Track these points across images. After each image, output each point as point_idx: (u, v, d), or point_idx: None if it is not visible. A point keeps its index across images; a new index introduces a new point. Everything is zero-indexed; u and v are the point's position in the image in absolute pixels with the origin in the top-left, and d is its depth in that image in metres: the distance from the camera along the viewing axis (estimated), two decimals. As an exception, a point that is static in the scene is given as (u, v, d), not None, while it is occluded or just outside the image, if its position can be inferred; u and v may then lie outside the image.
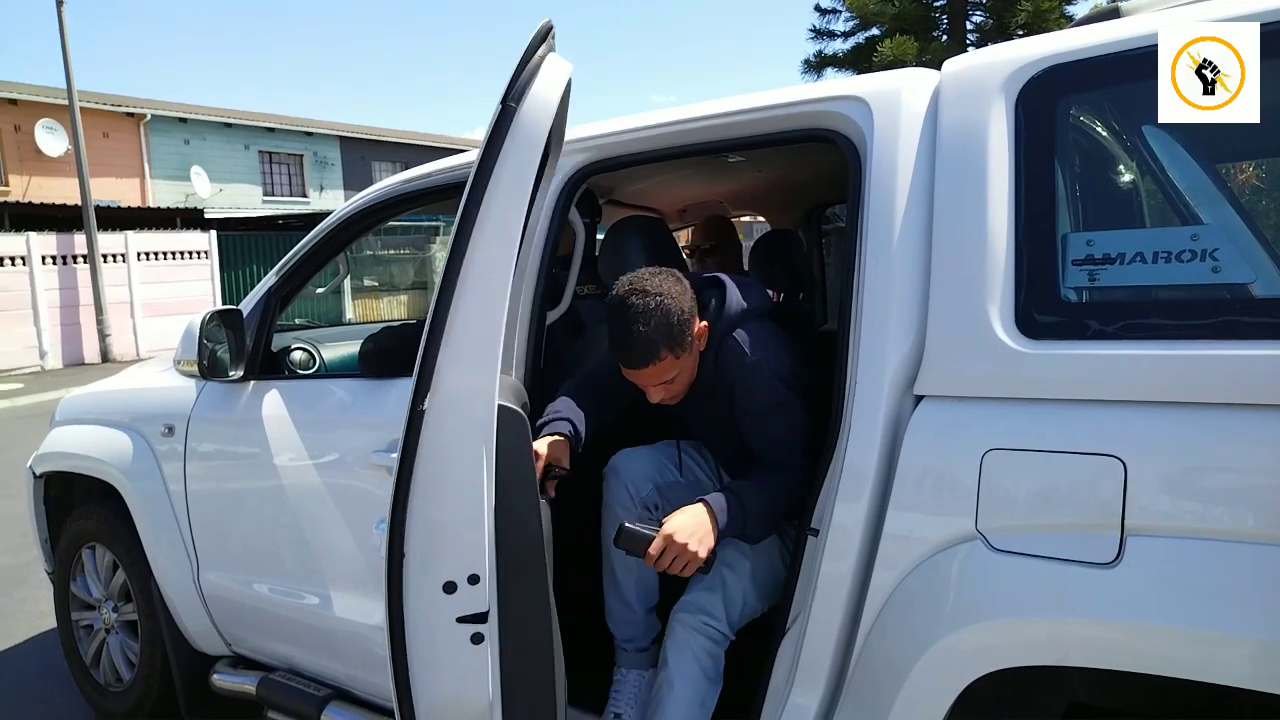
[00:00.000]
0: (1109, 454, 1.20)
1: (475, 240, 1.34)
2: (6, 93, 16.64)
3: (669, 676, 1.64)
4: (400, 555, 1.37)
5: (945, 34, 12.53)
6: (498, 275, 1.36)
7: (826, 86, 1.65)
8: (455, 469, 1.36)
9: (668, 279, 1.63)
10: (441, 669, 1.40)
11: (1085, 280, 1.30)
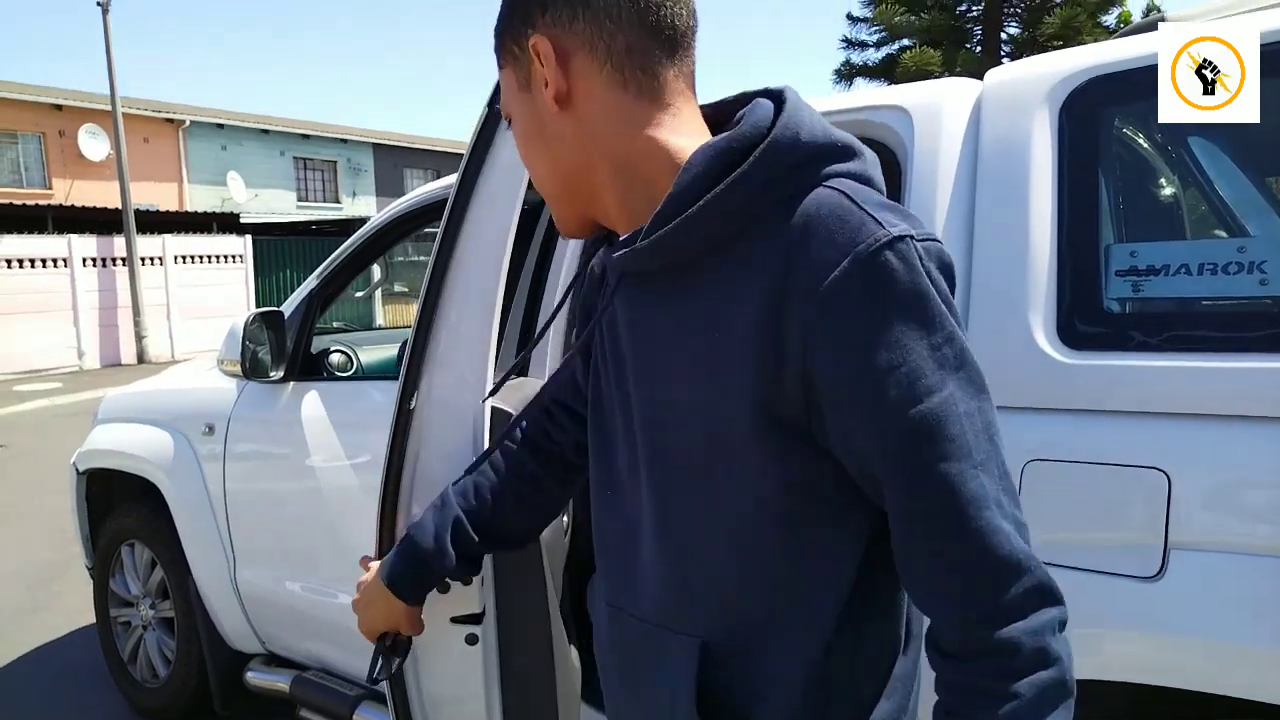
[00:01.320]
0: (1153, 466, 1.19)
1: (464, 235, 1.29)
2: (51, 98, 17.08)
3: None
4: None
5: (979, 44, 12.46)
6: (488, 274, 1.30)
7: (867, 95, 1.65)
8: (444, 469, 1.30)
9: None
10: (436, 670, 1.39)
11: (1129, 291, 1.29)
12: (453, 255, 1.30)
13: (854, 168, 0.72)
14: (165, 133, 19.10)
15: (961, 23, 12.58)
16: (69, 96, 17.37)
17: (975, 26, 12.67)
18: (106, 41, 13.01)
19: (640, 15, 0.73)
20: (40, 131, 17.18)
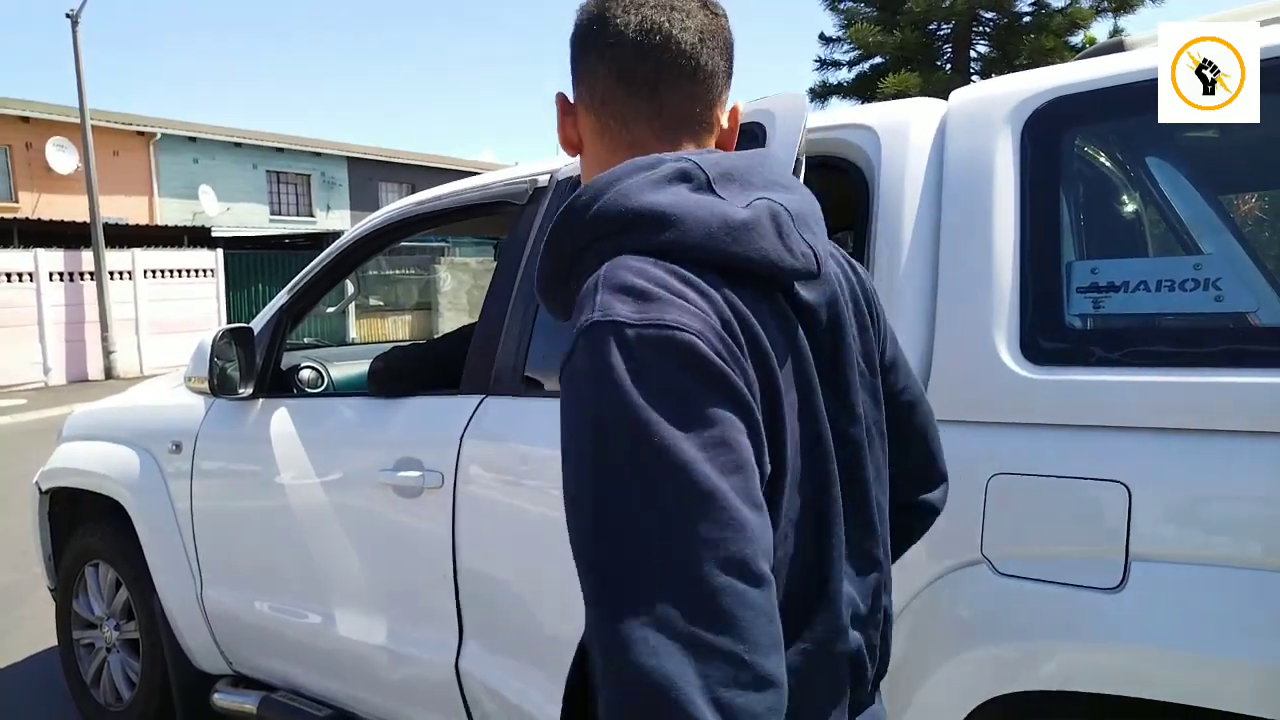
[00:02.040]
0: (1114, 479, 1.21)
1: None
2: (19, 110, 16.83)
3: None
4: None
5: (949, 64, 12.67)
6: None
7: (835, 115, 1.68)
8: None
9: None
10: None
11: (1090, 307, 1.32)
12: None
13: (649, 240, 0.70)
14: (136, 145, 18.88)
15: (933, 42, 12.80)
16: (36, 108, 17.13)
17: (946, 46, 12.90)
18: (76, 53, 12.87)
19: (619, 69, 0.81)
20: (6, 144, 16.92)
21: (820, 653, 0.74)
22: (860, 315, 0.86)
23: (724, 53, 0.83)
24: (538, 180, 2.01)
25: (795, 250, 0.73)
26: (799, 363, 0.74)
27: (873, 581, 0.83)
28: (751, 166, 0.77)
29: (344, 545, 2.13)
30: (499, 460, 1.87)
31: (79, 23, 12.84)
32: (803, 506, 0.73)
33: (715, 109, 0.84)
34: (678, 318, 0.64)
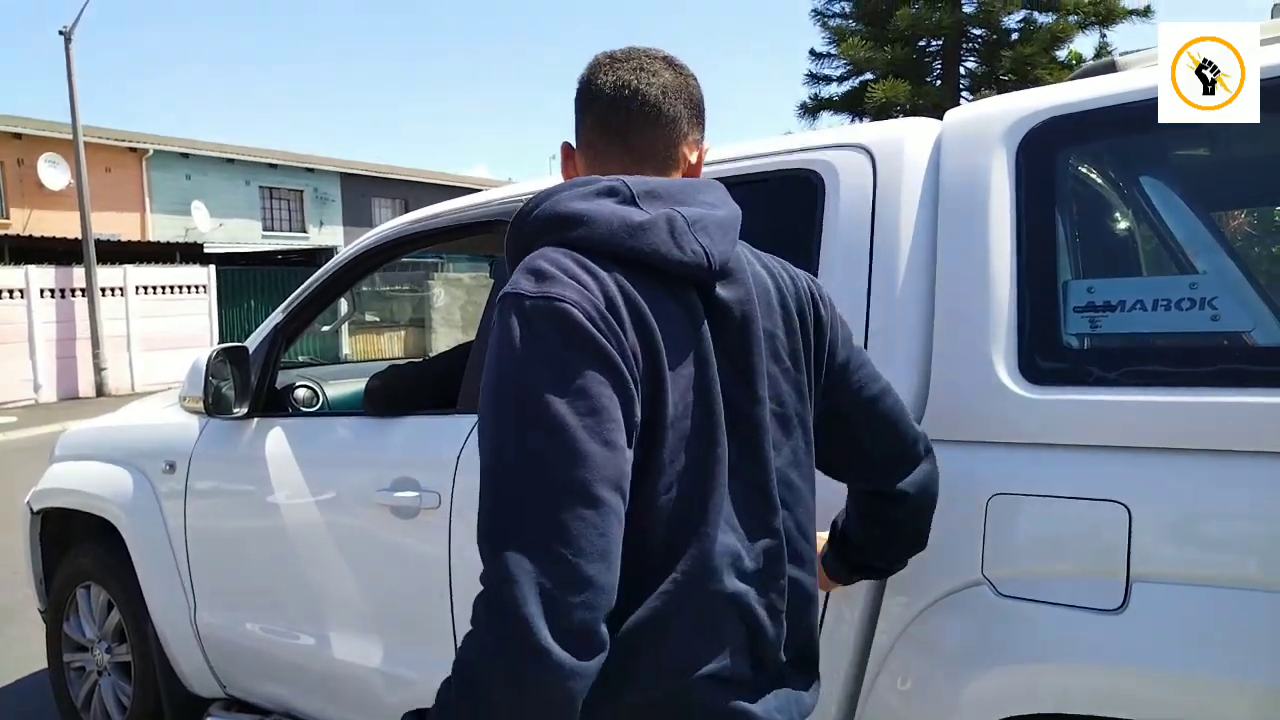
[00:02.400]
0: (1113, 499, 1.21)
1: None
2: (10, 127, 16.81)
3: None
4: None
5: (939, 79, 12.77)
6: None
7: (830, 134, 1.68)
8: None
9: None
10: None
11: (1087, 327, 1.32)
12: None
13: (565, 236, 0.89)
14: (128, 162, 18.85)
15: (922, 57, 12.90)
16: (28, 125, 17.10)
17: (935, 61, 13.01)
18: (69, 70, 12.87)
19: (598, 120, 1.02)
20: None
21: (690, 584, 0.87)
22: (790, 319, 1.02)
23: (688, 103, 1.02)
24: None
25: (685, 248, 0.89)
26: (698, 344, 0.91)
27: (767, 546, 0.94)
28: (679, 189, 0.95)
29: (340, 567, 2.11)
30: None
31: (72, 40, 12.85)
32: (689, 461, 0.88)
33: (680, 148, 1.02)
34: (562, 292, 0.82)
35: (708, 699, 0.89)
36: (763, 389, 0.95)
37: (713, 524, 0.88)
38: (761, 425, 0.95)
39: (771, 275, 1.04)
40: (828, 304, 1.10)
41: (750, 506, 0.93)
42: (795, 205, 1.62)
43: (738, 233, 0.98)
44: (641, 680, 0.86)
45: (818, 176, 1.59)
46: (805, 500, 1.02)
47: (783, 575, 0.96)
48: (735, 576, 0.90)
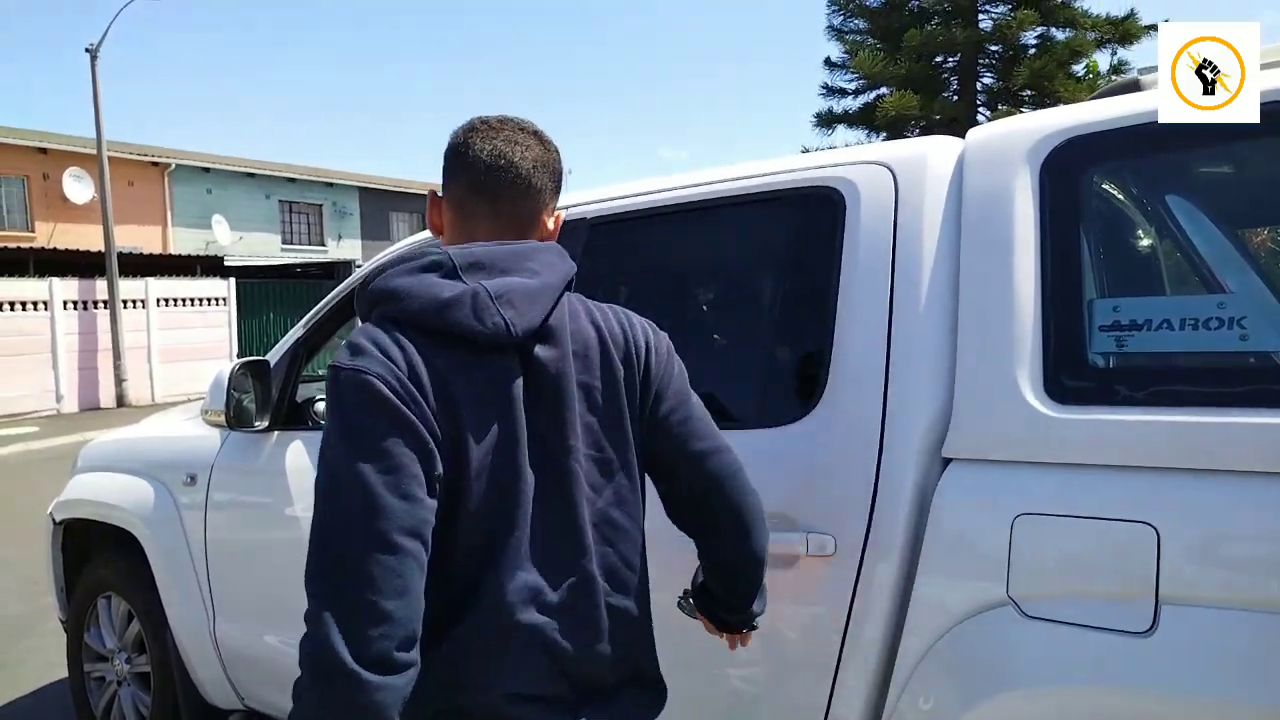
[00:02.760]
0: (1141, 521, 1.19)
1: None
2: (37, 142, 17.08)
3: None
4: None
5: (956, 94, 12.76)
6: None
7: (851, 152, 1.68)
8: None
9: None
10: None
11: (1113, 346, 1.31)
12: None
13: (387, 310, 1.02)
14: (150, 176, 19.11)
15: (938, 72, 12.90)
16: (54, 140, 17.38)
17: (951, 76, 12.99)
18: (94, 87, 13.08)
19: (472, 182, 1.10)
20: (24, 174, 17.14)
21: (487, 616, 0.99)
22: (610, 370, 1.10)
23: (551, 176, 1.13)
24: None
25: (486, 322, 0.98)
26: (507, 403, 1.00)
27: (573, 583, 1.04)
28: (505, 257, 1.04)
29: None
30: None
31: (98, 57, 13.06)
32: (491, 509, 0.99)
33: (541, 215, 1.14)
34: (368, 365, 0.94)
35: (519, 714, 1.01)
36: (574, 439, 1.05)
37: (509, 564, 0.99)
38: (572, 472, 1.05)
39: (598, 329, 1.12)
40: (663, 356, 1.17)
41: (558, 546, 1.03)
42: (816, 222, 1.62)
43: (554, 298, 1.05)
44: (449, 695, 1.00)
45: (838, 194, 1.59)
46: (630, 535, 1.11)
47: (596, 607, 1.06)
48: (535, 610, 1.01)
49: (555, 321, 1.06)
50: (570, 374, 1.06)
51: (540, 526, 1.02)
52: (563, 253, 1.11)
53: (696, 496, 1.18)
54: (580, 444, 1.06)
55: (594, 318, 1.13)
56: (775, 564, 1.47)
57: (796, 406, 1.53)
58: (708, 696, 1.59)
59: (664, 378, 1.16)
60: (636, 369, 1.13)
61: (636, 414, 1.13)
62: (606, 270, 2.01)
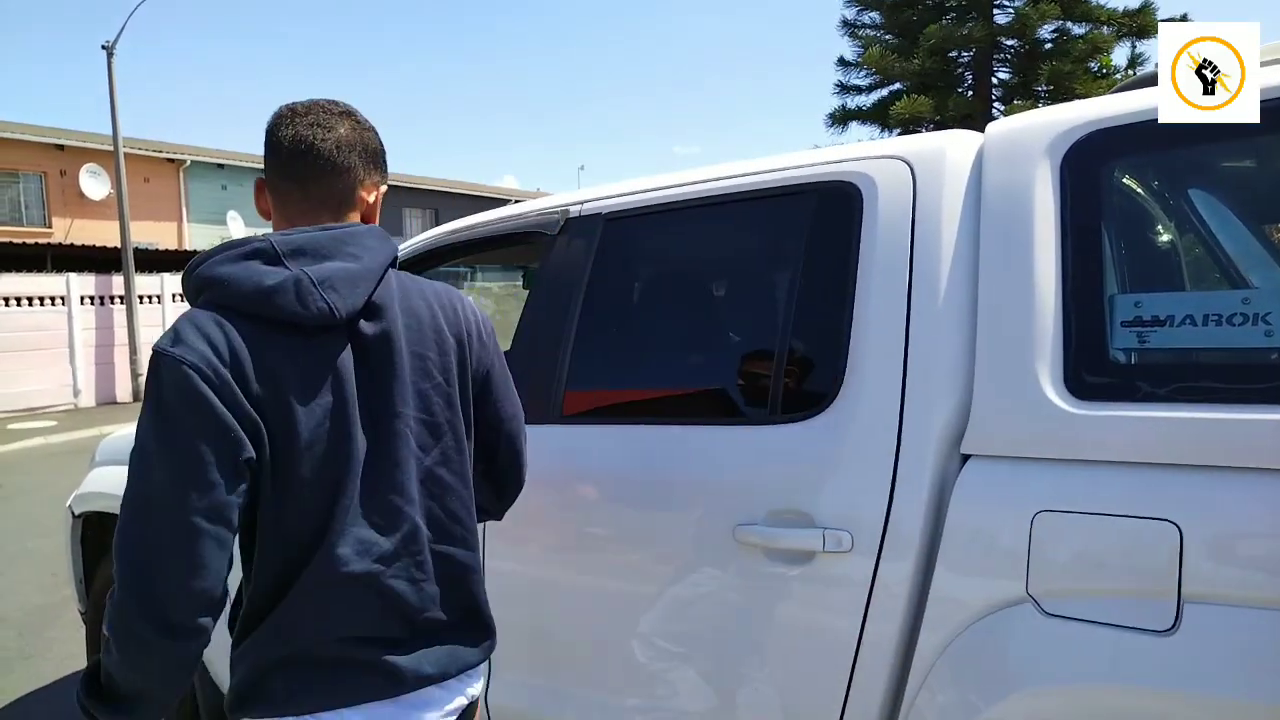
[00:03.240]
0: (1163, 518, 1.18)
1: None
2: (53, 138, 17.21)
3: None
4: None
5: (970, 90, 12.67)
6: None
7: (868, 146, 1.67)
8: None
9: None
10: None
11: (1134, 342, 1.30)
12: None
13: (212, 296, 1.08)
14: (166, 172, 19.22)
15: (952, 68, 12.81)
16: (71, 136, 17.50)
17: (966, 72, 12.90)
18: (110, 84, 13.16)
19: (279, 168, 1.18)
20: (41, 171, 17.28)
21: (321, 569, 1.08)
22: (444, 342, 1.20)
23: (363, 154, 1.19)
24: (569, 211, 2.03)
25: (310, 306, 1.05)
26: (337, 378, 1.08)
27: (405, 532, 1.14)
28: (327, 242, 1.10)
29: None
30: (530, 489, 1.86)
31: (114, 54, 13.14)
32: (323, 475, 1.07)
33: (358, 191, 1.20)
34: (186, 353, 1.00)
35: (355, 653, 1.11)
36: (402, 405, 1.14)
37: (341, 523, 1.08)
38: (400, 434, 1.14)
39: (430, 306, 1.22)
40: (488, 334, 1.31)
41: (388, 502, 1.12)
42: (833, 217, 1.61)
43: (375, 279, 1.13)
44: (288, 644, 1.10)
45: (855, 188, 1.58)
46: (455, 491, 1.21)
47: (421, 553, 1.16)
48: (369, 560, 1.10)
49: (382, 299, 1.14)
50: (399, 346, 1.15)
51: (370, 484, 1.11)
52: (384, 235, 1.18)
53: (496, 443, 1.36)
54: (409, 409, 1.15)
55: (425, 295, 1.22)
56: (791, 560, 1.48)
57: (813, 402, 1.53)
58: (723, 692, 1.59)
59: (491, 354, 1.29)
60: (467, 343, 1.24)
61: (467, 383, 1.24)
62: (622, 266, 2.01)
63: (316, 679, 1.11)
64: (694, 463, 1.67)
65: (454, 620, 1.21)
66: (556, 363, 1.88)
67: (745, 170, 1.80)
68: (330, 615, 1.10)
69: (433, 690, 1.18)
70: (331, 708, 1.11)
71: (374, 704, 1.12)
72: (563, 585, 1.81)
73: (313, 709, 1.10)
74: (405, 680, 1.14)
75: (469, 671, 1.24)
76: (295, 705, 1.10)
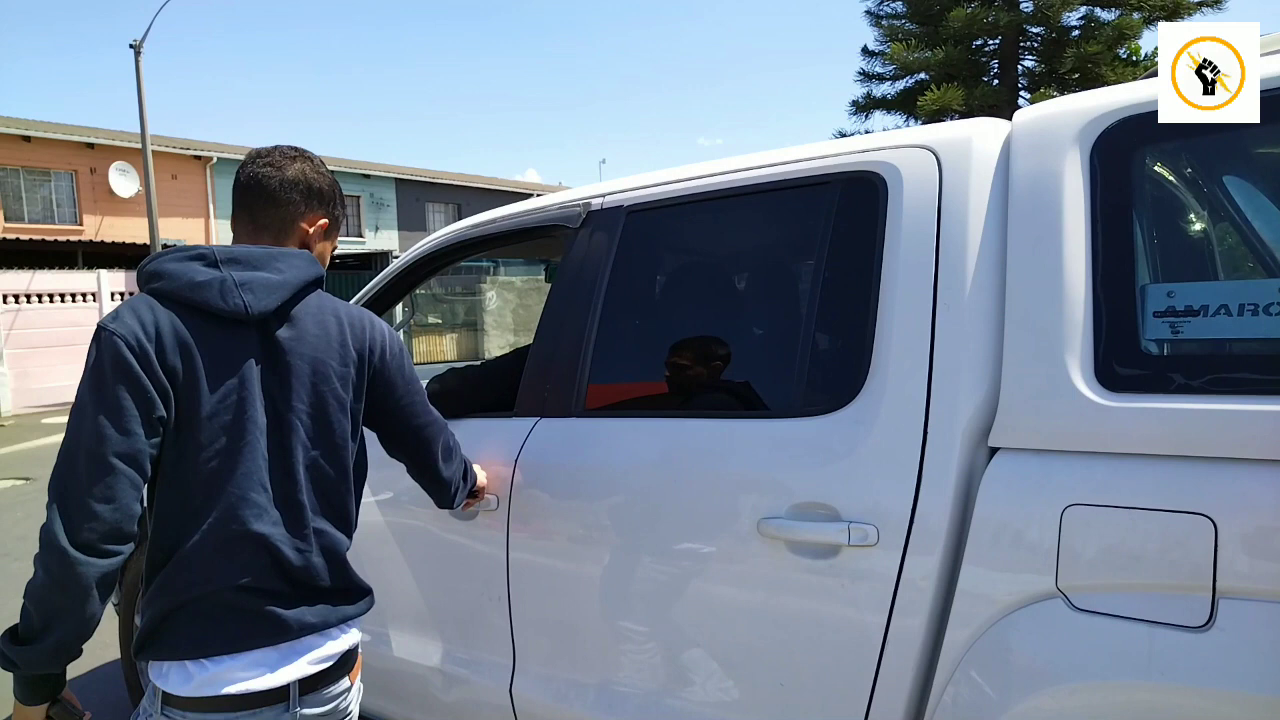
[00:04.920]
0: (1197, 512, 1.16)
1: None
2: (83, 137, 17.48)
3: None
4: None
5: (996, 79, 12.51)
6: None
7: (894, 136, 1.65)
8: None
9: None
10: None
11: (1167, 332, 1.28)
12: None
13: (153, 286, 1.30)
14: (193, 169, 19.46)
15: (978, 57, 12.65)
16: (100, 135, 17.77)
17: (992, 61, 12.74)
18: (138, 82, 13.34)
19: (237, 199, 1.42)
20: (72, 169, 17.57)
21: (220, 525, 1.26)
22: (346, 355, 1.38)
23: (304, 192, 1.42)
24: (591, 204, 2.02)
25: (229, 302, 1.27)
26: (243, 366, 1.28)
27: (291, 505, 1.32)
28: (258, 257, 1.32)
29: (399, 566, 2.14)
30: (553, 483, 1.86)
31: (141, 53, 13.31)
32: (225, 445, 1.26)
33: (299, 223, 1.42)
34: (119, 327, 1.22)
35: (244, 603, 1.28)
36: (297, 401, 1.32)
37: (240, 486, 1.27)
38: (292, 425, 1.32)
39: (340, 323, 1.39)
40: (396, 353, 1.48)
41: (279, 478, 1.30)
42: (857, 208, 1.59)
43: (292, 291, 1.33)
44: (188, 589, 1.26)
45: (879, 178, 1.56)
46: (334, 481, 1.38)
47: (306, 527, 1.33)
48: (262, 522, 1.28)
49: (297, 311, 1.35)
50: (303, 352, 1.34)
51: (267, 463, 1.30)
52: (312, 260, 1.39)
53: (411, 448, 1.59)
54: (304, 405, 1.33)
55: (339, 314, 1.40)
56: (816, 553, 1.47)
57: (838, 395, 1.51)
58: (747, 688, 1.58)
59: (398, 369, 1.48)
60: (369, 359, 1.42)
61: (362, 392, 1.42)
62: (644, 259, 2.00)
63: (209, 626, 1.27)
64: (717, 456, 1.66)
65: (335, 587, 1.38)
66: (579, 356, 1.88)
67: (767, 161, 1.78)
68: (223, 568, 1.27)
69: (313, 638, 1.34)
70: (223, 653, 1.27)
71: (261, 650, 1.29)
72: (585, 578, 1.81)
73: (205, 654, 1.27)
74: (289, 628, 1.31)
75: (350, 622, 1.42)
76: (189, 650, 1.27)
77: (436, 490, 1.68)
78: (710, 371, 1.92)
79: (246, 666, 1.28)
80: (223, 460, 1.26)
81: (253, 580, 1.29)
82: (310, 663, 1.33)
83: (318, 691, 1.35)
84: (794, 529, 1.48)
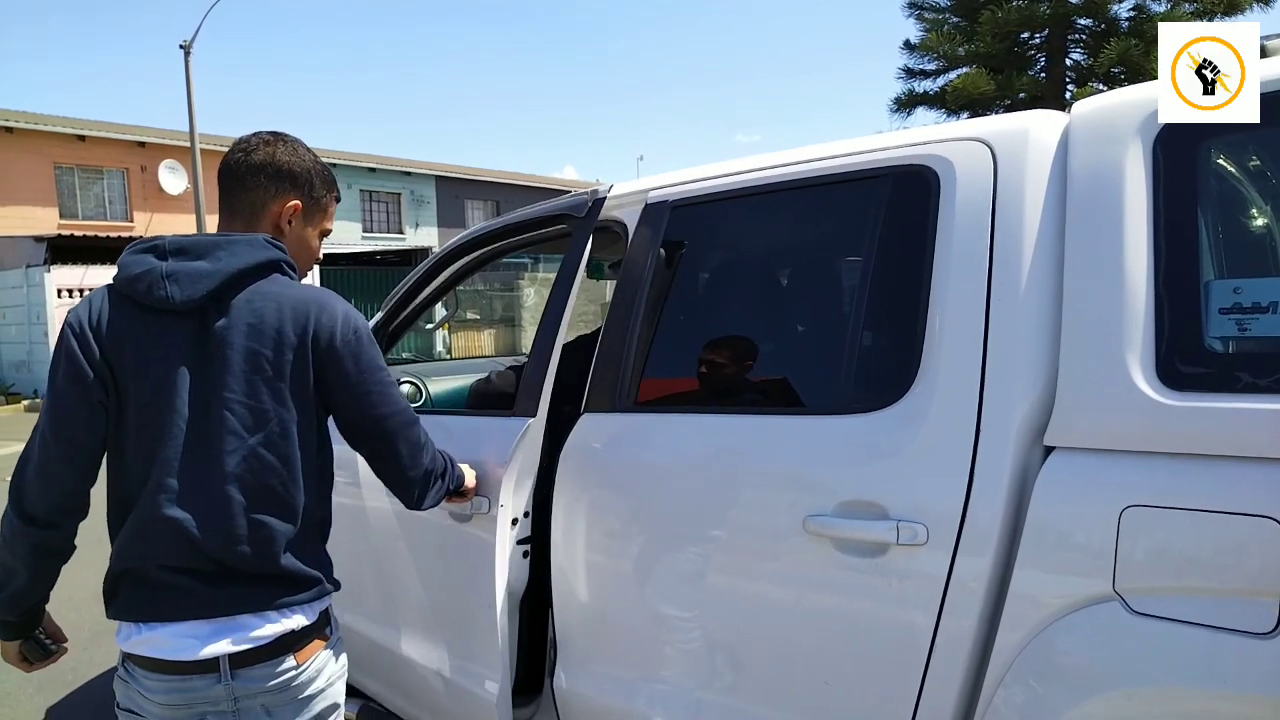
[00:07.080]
0: (1263, 515, 1.12)
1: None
2: (135, 136, 17.93)
3: None
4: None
5: (1043, 73, 12.26)
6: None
7: (947, 129, 1.62)
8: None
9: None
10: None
11: (1233, 330, 1.24)
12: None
13: (114, 276, 1.38)
14: (239, 167, 19.83)
15: (1024, 50, 12.41)
16: (150, 134, 18.20)
17: (1038, 54, 12.49)
18: (188, 82, 13.65)
19: (219, 186, 1.48)
20: (124, 167, 18.03)
21: (142, 509, 1.33)
22: (281, 344, 1.35)
23: (273, 176, 1.45)
24: (599, 193, 2.03)
25: (155, 293, 1.32)
26: (174, 354, 1.33)
27: (211, 493, 1.33)
28: (204, 245, 1.36)
29: (408, 565, 2.15)
30: (596, 477, 1.87)
31: (191, 53, 13.61)
32: (153, 431, 1.32)
33: (270, 206, 1.46)
34: (71, 316, 1.36)
35: (167, 579, 1.34)
36: (228, 391, 1.33)
37: (159, 471, 1.32)
38: (221, 414, 1.33)
39: (279, 311, 1.36)
40: (340, 343, 1.40)
41: (200, 466, 1.32)
42: (909, 203, 1.57)
43: (223, 279, 1.33)
44: (124, 561, 1.36)
45: (932, 172, 1.54)
46: (276, 470, 1.36)
47: (232, 518, 1.33)
48: (175, 508, 1.31)
49: (238, 300, 1.35)
50: (236, 341, 1.34)
51: (189, 450, 1.32)
52: (263, 245, 1.38)
53: (367, 439, 1.50)
54: (236, 395, 1.33)
55: (280, 301, 1.37)
56: (864, 551, 1.45)
57: (888, 392, 1.49)
58: (792, 685, 1.57)
59: (351, 355, 1.41)
60: (312, 345, 1.38)
61: (305, 382, 1.38)
62: (690, 254, 1.99)
63: (145, 595, 1.35)
64: (764, 452, 1.64)
65: (271, 574, 1.37)
66: (627, 350, 1.87)
67: (816, 155, 1.76)
68: (149, 547, 1.34)
69: (249, 618, 1.35)
70: (155, 620, 1.34)
71: (192, 623, 1.33)
72: (631, 574, 1.81)
73: (142, 619, 1.35)
74: (217, 606, 1.34)
75: (292, 608, 1.40)
76: (131, 613, 1.36)
77: (399, 488, 1.57)
78: (756, 367, 1.91)
79: (176, 635, 1.33)
80: (149, 446, 1.32)
81: (177, 560, 1.33)
82: (238, 641, 1.34)
83: (253, 667, 1.35)
84: (841, 527, 1.46)
